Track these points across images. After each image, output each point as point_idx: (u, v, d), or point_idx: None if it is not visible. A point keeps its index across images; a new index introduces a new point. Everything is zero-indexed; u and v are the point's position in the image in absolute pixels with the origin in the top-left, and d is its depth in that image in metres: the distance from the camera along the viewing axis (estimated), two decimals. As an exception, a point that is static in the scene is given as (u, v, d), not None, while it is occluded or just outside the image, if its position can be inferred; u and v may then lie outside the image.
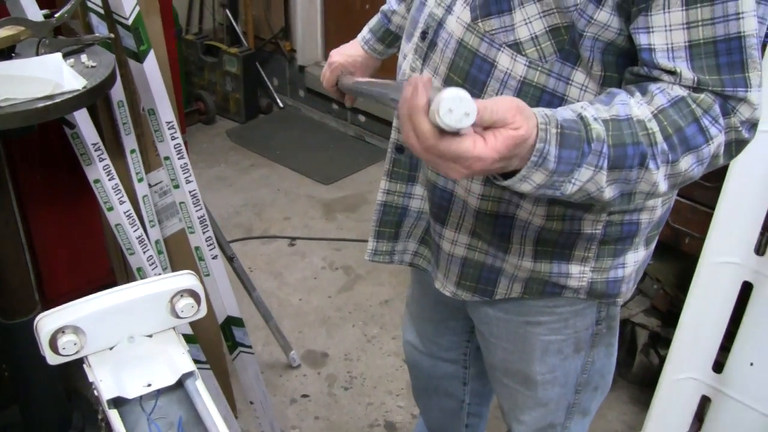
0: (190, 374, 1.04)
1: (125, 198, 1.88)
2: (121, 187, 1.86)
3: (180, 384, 1.06)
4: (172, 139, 1.93)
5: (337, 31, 4.12)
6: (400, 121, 0.88)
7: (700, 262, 1.83)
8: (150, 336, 1.10)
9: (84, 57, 1.55)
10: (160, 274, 1.94)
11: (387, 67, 1.62)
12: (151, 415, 1.02)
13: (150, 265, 1.94)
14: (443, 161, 0.85)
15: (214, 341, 2.25)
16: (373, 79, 1.55)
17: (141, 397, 1.03)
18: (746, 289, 1.82)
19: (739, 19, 0.94)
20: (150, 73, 1.83)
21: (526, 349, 1.38)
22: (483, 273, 1.31)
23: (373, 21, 1.62)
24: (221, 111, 4.44)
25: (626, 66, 1.06)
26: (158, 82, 1.86)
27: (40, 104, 1.38)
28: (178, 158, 1.95)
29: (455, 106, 0.79)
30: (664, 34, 0.97)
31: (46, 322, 1.03)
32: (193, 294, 1.10)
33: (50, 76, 1.42)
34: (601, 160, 0.93)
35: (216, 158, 4.05)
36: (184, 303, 1.09)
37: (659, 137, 0.95)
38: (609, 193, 0.96)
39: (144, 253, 1.92)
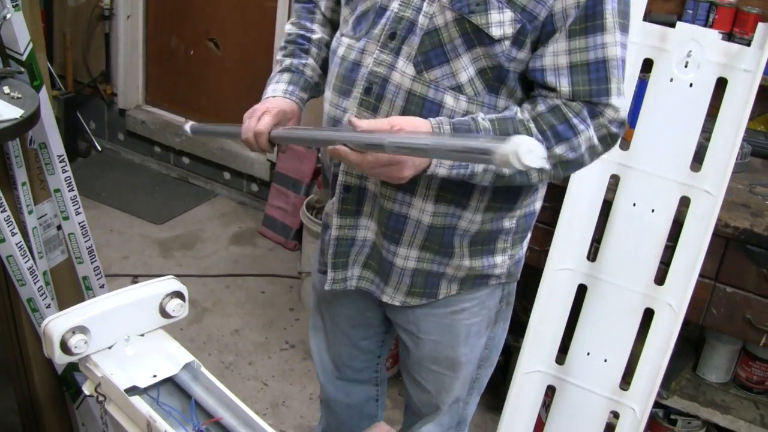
0: (190, 363, 1.17)
1: (17, 230, 1.90)
2: (12, 218, 1.89)
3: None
4: (63, 172, 1.99)
5: (159, 76, 4.18)
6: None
7: (544, 271, 2.17)
8: (142, 335, 1.21)
9: (6, 88, 1.61)
10: (48, 305, 1.98)
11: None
12: (158, 401, 1.14)
13: (41, 295, 1.96)
14: (387, 167, 1.26)
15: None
16: (294, 126, 1.59)
17: (145, 388, 1.15)
18: (581, 291, 2.18)
19: (605, 48, 1.32)
20: (43, 108, 1.89)
21: (452, 336, 1.62)
22: (428, 279, 1.54)
23: (285, 77, 1.61)
24: (37, 154, 4.30)
25: (530, 89, 1.41)
26: (50, 116, 1.92)
27: (-17, 131, 1.43)
28: (69, 191, 2.00)
29: None
30: (552, 59, 1.33)
31: (57, 324, 1.12)
32: (180, 295, 1.23)
33: (-14, 105, 1.47)
34: None
35: (38, 201, 3.93)
36: (175, 303, 1.22)
37: (534, 131, 1.32)
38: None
39: (35, 283, 1.94)
